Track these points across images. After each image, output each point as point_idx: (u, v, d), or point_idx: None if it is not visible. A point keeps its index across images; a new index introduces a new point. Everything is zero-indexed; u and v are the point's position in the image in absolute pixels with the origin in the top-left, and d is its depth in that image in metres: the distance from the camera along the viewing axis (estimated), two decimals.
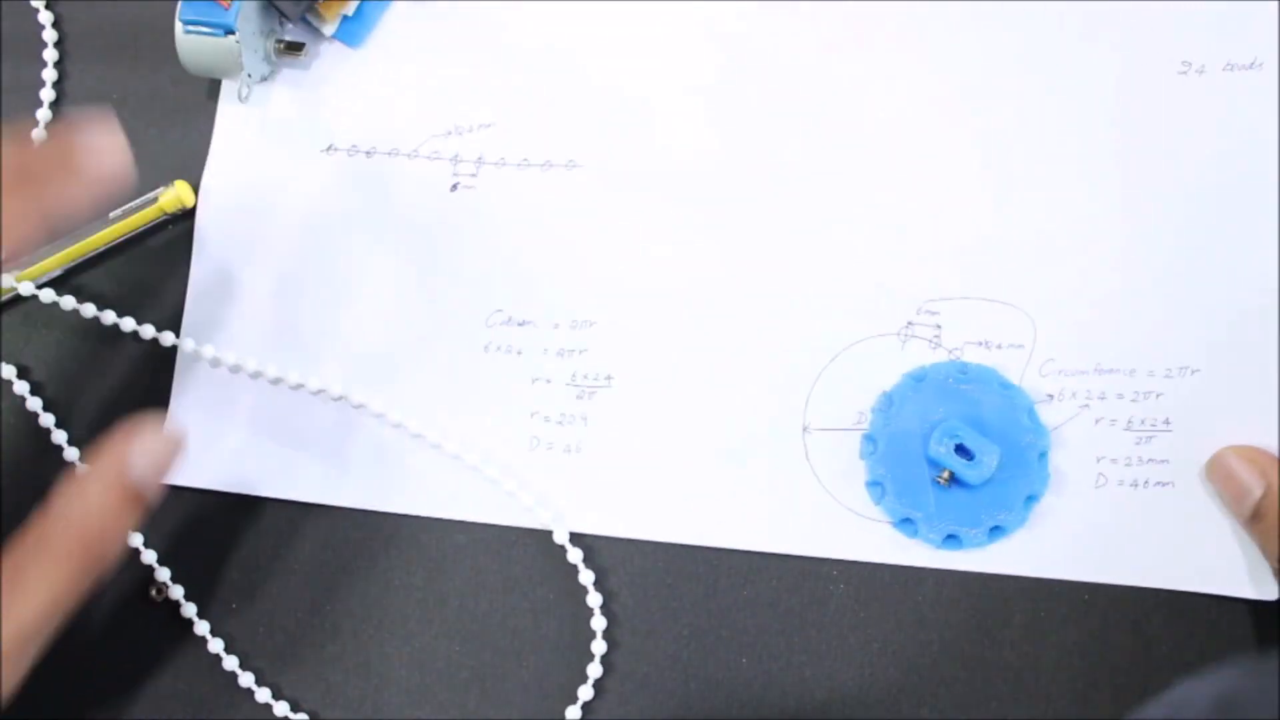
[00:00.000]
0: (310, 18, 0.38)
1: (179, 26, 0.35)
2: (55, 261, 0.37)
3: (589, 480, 0.36)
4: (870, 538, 0.35)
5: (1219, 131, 0.36)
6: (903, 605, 0.35)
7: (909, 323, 0.36)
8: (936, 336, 0.36)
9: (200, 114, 0.39)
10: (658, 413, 0.36)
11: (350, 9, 0.38)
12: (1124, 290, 0.36)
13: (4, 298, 0.37)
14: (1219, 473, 0.34)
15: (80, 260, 0.37)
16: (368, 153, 0.38)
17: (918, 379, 0.35)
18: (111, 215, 0.37)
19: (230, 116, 0.38)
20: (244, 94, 0.38)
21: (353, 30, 0.38)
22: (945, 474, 0.34)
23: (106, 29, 0.39)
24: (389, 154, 0.38)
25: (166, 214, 0.37)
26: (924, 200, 0.36)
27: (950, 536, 0.35)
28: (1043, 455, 0.35)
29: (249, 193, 0.38)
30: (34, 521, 0.28)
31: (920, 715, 0.34)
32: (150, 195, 0.37)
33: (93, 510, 0.28)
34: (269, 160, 0.38)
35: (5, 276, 0.36)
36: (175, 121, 0.39)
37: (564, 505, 0.36)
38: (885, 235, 0.37)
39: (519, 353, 0.37)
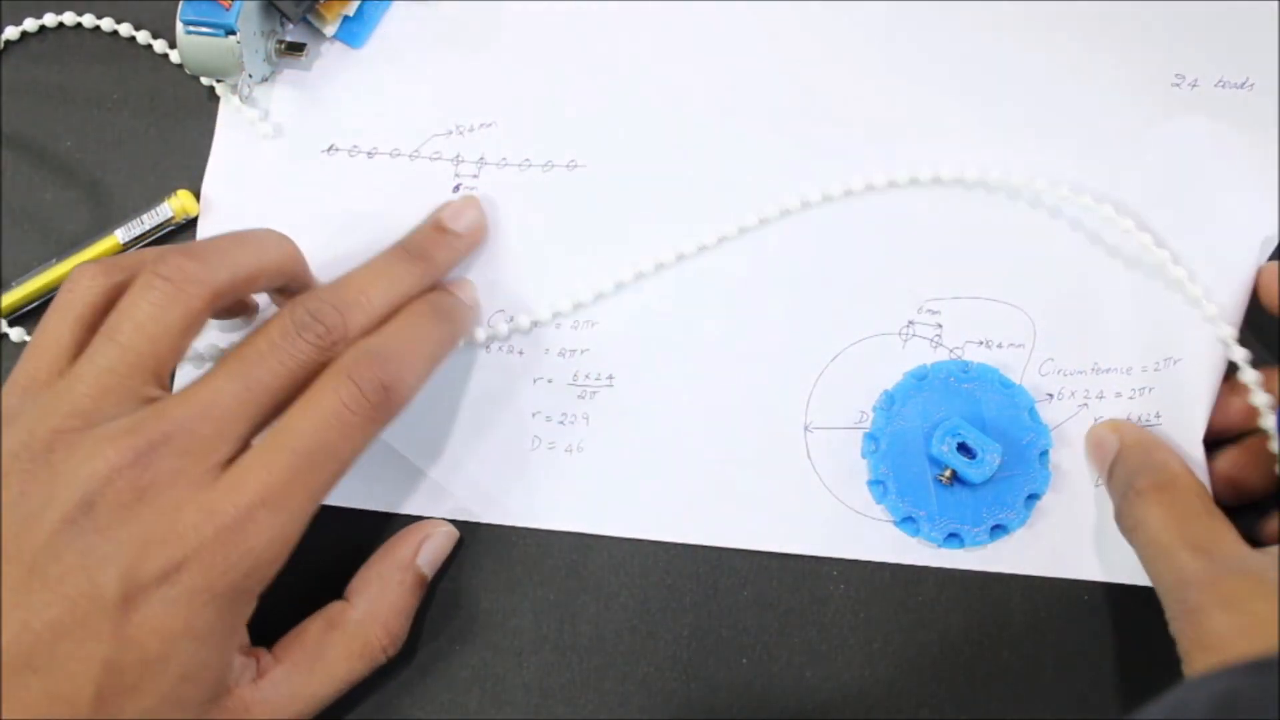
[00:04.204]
0: (311, 18, 0.38)
1: (179, 26, 0.35)
2: (59, 275, 0.37)
3: (591, 480, 0.36)
4: (872, 536, 0.35)
5: (1208, 144, 0.36)
6: (903, 605, 0.35)
7: (910, 322, 0.36)
8: (937, 336, 0.36)
9: (201, 114, 0.39)
10: (659, 412, 0.36)
11: (351, 9, 0.38)
12: (1118, 291, 0.36)
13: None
14: (1088, 442, 0.35)
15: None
16: (369, 153, 0.38)
17: (919, 378, 0.35)
18: (120, 236, 0.37)
19: (231, 118, 0.38)
20: (245, 94, 0.38)
21: (354, 30, 0.38)
22: (947, 473, 0.35)
23: (106, 28, 0.39)
24: (390, 155, 0.38)
25: (174, 224, 0.37)
26: (925, 200, 0.36)
27: (952, 535, 0.35)
28: (1044, 454, 0.35)
29: (250, 194, 0.38)
30: (330, 612, 0.33)
31: (920, 715, 0.34)
32: (157, 210, 0.37)
33: (385, 600, 0.33)
34: (270, 161, 0.38)
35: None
36: (176, 122, 0.39)
37: (566, 505, 0.36)
38: (887, 234, 0.37)
39: (520, 352, 0.37)
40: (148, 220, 0.37)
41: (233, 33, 0.35)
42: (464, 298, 0.35)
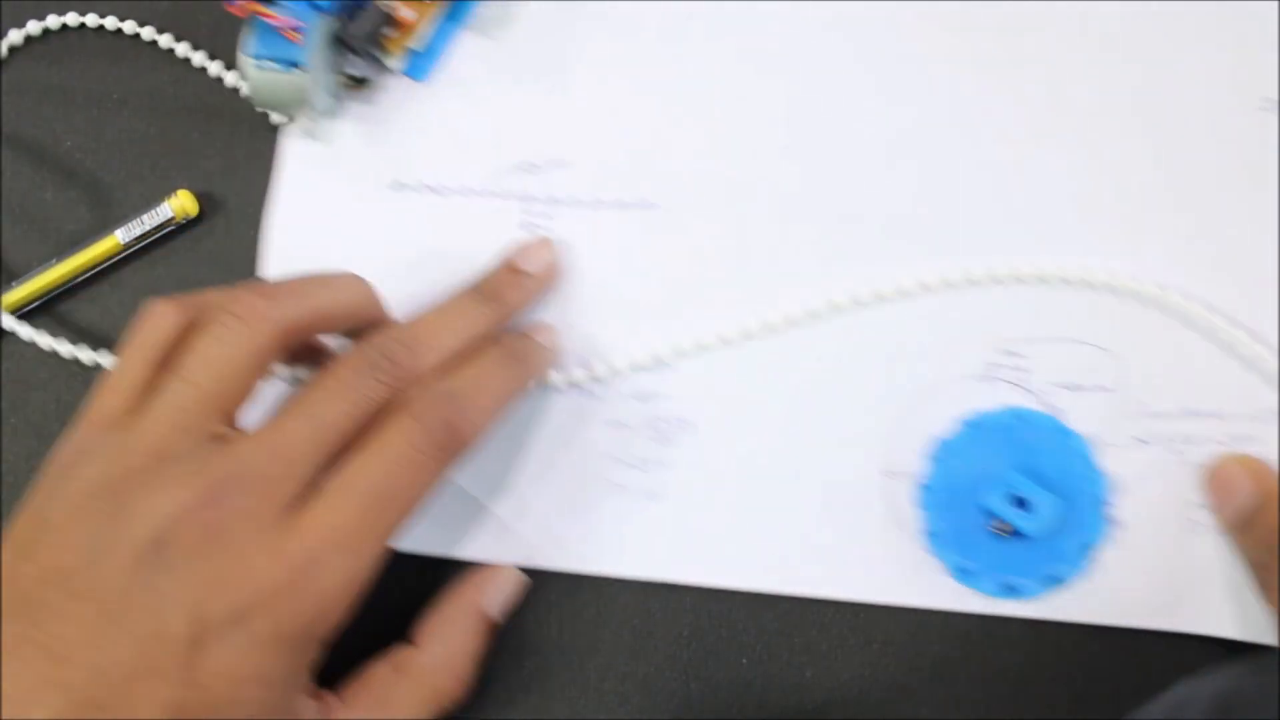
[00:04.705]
0: (376, 52, 0.37)
1: (246, 61, 0.35)
2: (59, 275, 0.37)
3: (670, 527, 0.35)
4: (936, 584, 0.35)
5: None
6: (903, 605, 0.35)
7: (991, 364, 0.35)
8: (1020, 378, 0.35)
9: (201, 114, 0.39)
10: (739, 458, 0.35)
11: (417, 42, 0.37)
12: (1214, 330, 0.35)
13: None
14: (1215, 478, 0.34)
15: (91, 272, 0.37)
16: (437, 190, 0.37)
17: (975, 426, 0.35)
18: (120, 236, 0.37)
19: (294, 153, 0.37)
20: (312, 131, 0.37)
21: (419, 64, 0.37)
22: (1001, 524, 0.34)
23: (107, 29, 0.39)
24: (459, 192, 0.37)
25: (174, 224, 0.37)
26: (1008, 239, 0.36)
27: (1007, 586, 0.34)
28: (1101, 503, 0.34)
29: (314, 232, 0.37)
30: (398, 656, 0.32)
31: (920, 715, 0.34)
32: (157, 210, 0.37)
33: (454, 645, 0.33)
34: (334, 198, 0.37)
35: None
36: (176, 122, 0.39)
37: (645, 552, 0.35)
38: (968, 275, 0.35)
39: (598, 397, 0.36)
40: (148, 220, 0.37)
41: (302, 68, 0.34)
42: (543, 342, 0.35)
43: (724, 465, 0.35)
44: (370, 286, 0.33)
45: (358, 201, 0.37)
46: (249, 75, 0.35)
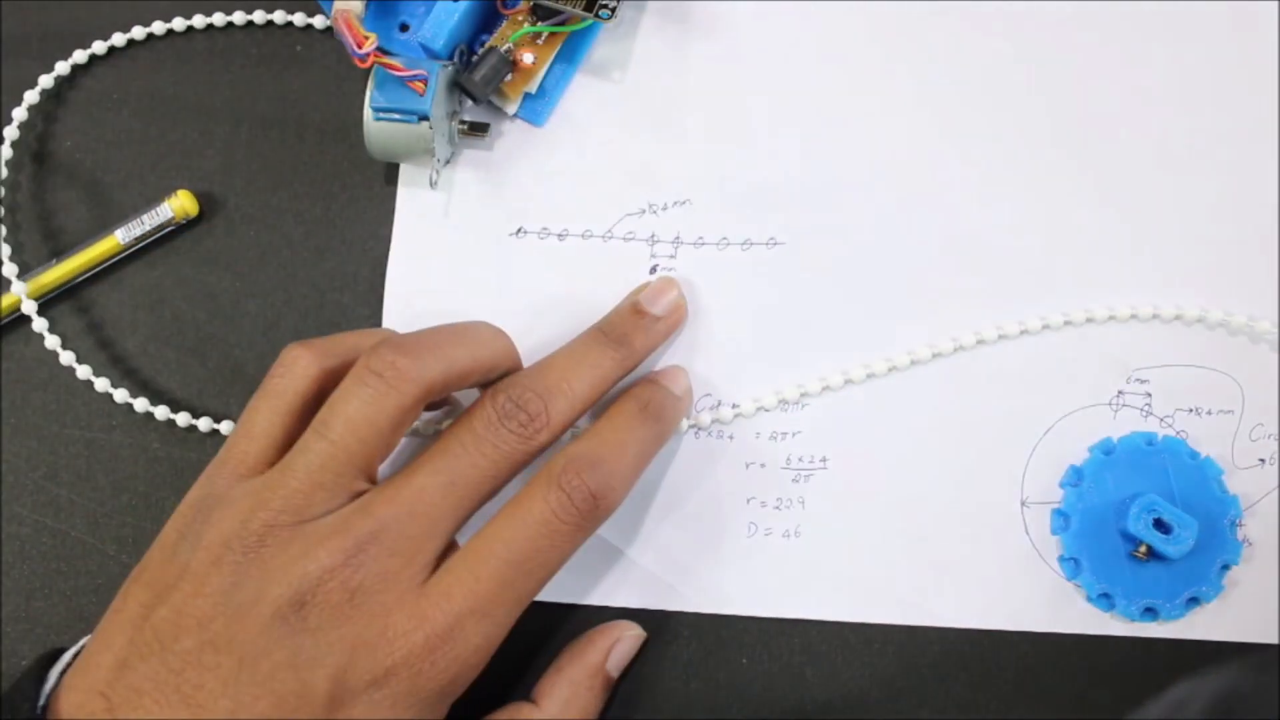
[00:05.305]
0: (493, 97, 0.36)
1: (368, 113, 0.34)
2: (58, 275, 0.37)
3: (811, 565, 0.35)
4: (1075, 611, 0.35)
5: None
6: None
7: (1120, 391, 0.36)
8: (1147, 405, 0.35)
9: (199, 113, 0.39)
10: (876, 493, 0.35)
11: (533, 86, 0.36)
12: None
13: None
14: None
15: (91, 272, 0.37)
16: (559, 235, 0.37)
17: (1106, 452, 0.35)
18: (120, 236, 0.37)
19: (412, 202, 0.37)
20: (435, 180, 0.37)
21: (536, 108, 0.37)
22: (1143, 548, 0.34)
23: (108, 30, 0.39)
24: (582, 236, 0.37)
25: (175, 224, 0.37)
26: (1130, 269, 0.36)
27: (1147, 609, 0.34)
28: (1234, 524, 0.34)
29: (436, 280, 0.37)
30: (517, 713, 0.32)
31: (920, 715, 0.34)
32: (157, 210, 0.37)
33: (574, 706, 0.33)
34: (455, 245, 0.37)
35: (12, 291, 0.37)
36: (176, 122, 0.39)
37: (787, 591, 0.35)
38: (1094, 305, 0.36)
39: (730, 437, 0.36)
40: (148, 220, 0.37)
41: (426, 118, 0.34)
42: (674, 389, 0.34)
43: (860, 501, 0.35)
44: (506, 338, 0.33)
45: (478, 248, 0.37)
46: (369, 128, 0.34)
